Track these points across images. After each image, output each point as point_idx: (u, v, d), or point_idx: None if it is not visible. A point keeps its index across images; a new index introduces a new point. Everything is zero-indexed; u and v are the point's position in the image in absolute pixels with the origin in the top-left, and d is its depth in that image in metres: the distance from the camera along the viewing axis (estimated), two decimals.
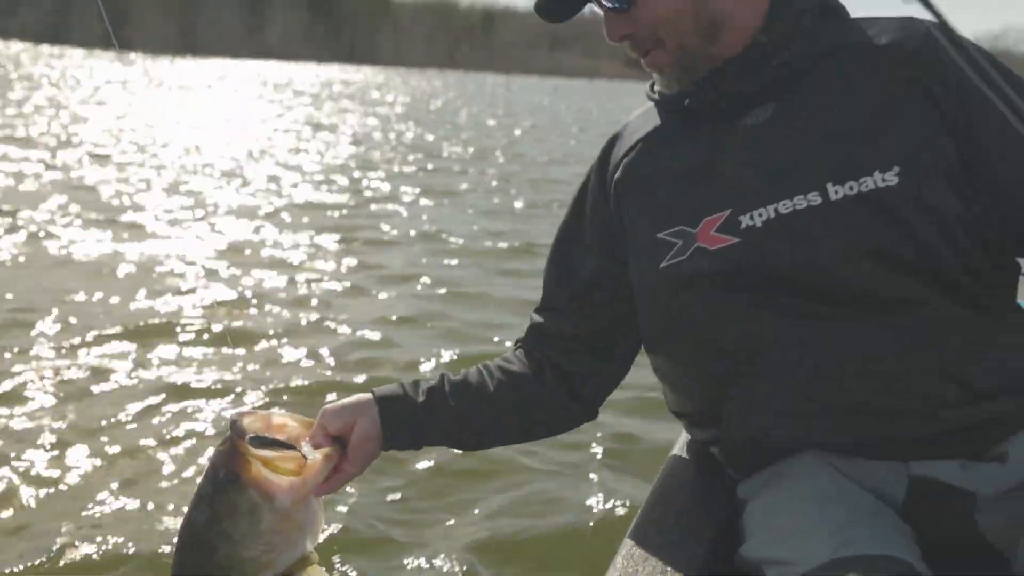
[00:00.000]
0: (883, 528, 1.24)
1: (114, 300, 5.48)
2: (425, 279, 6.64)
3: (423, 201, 10.63)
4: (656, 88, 1.53)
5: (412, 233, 8.56)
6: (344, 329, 5.21)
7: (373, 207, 10.03)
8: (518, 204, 10.83)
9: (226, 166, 12.24)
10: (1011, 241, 1.33)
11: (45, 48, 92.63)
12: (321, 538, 1.25)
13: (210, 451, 1.27)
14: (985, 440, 1.30)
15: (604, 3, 1.44)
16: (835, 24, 1.42)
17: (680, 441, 1.84)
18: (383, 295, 6.11)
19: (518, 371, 1.58)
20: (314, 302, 5.79)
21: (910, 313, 1.31)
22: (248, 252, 7.16)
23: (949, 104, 1.31)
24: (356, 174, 12.51)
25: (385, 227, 8.76)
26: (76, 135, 14.71)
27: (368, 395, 1.45)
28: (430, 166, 14.00)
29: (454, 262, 7.37)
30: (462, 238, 8.40)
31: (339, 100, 32.41)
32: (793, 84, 1.39)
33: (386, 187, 11.63)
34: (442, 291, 6.32)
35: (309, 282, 6.27)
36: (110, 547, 2.75)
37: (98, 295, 5.57)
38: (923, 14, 1.21)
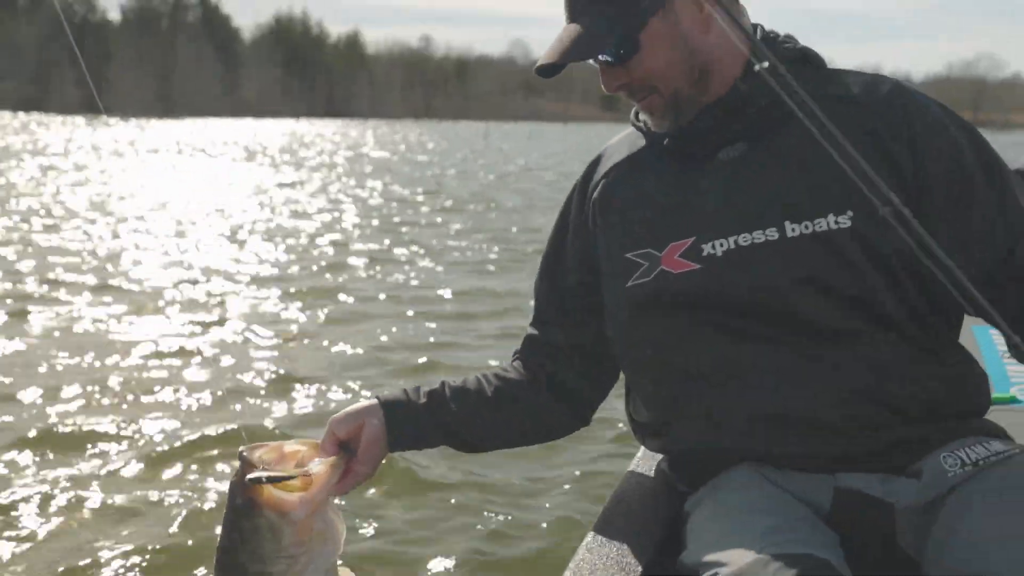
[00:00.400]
0: (807, 532, 1.34)
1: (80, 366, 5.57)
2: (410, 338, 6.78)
3: (411, 260, 10.76)
4: (641, 117, 1.63)
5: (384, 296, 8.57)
6: (334, 395, 5.31)
7: (358, 270, 10.06)
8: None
9: (200, 231, 12.70)
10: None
11: (22, 116, 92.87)
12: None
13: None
14: (905, 458, 1.42)
15: (601, 58, 1.51)
16: (811, 74, 1.51)
17: (637, 457, 1.94)
18: (372, 370, 6.12)
19: (515, 379, 1.68)
20: (299, 371, 5.89)
21: (848, 343, 1.42)
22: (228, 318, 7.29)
23: (904, 160, 1.42)
24: (336, 237, 12.63)
25: (369, 291, 8.85)
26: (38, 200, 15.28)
27: (373, 400, 1.56)
28: (403, 219, 14.99)
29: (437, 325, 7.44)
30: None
31: (318, 156, 33.35)
32: (766, 128, 1.49)
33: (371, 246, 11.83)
34: (422, 359, 6.38)
35: (281, 354, 6.27)
36: None
37: (61, 364, 5.66)
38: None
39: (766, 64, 1.28)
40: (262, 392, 5.36)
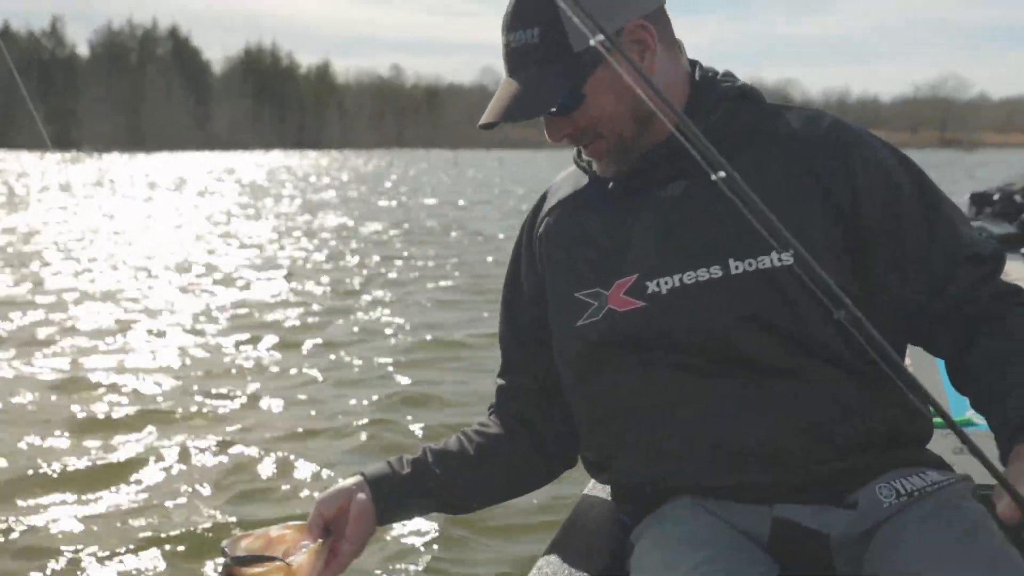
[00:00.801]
0: (746, 562, 1.36)
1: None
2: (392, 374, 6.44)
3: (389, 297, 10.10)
4: (584, 156, 1.60)
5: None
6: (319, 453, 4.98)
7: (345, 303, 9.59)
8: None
9: (177, 271, 12.06)
10: (890, 325, 1.38)
11: None
12: None
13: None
14: (842, 489, 1.41)
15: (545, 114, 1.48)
16: (751, 109, 1.51)
17: (589, 485, 1.91)
18: (350, 400, 5.93)
19: (494, 433, 1.66)
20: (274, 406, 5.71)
21: (789, 379, 1.41)
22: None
23: (842, 194, 1.43)
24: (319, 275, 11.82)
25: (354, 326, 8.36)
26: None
27: (358, 476, 1.55)
28: (388, 257, 13.80)
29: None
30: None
31: (294, 189, 32.14)
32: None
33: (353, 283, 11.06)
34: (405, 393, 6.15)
35: (257, 390, 6.00)
36: None
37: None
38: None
39: (690, 134, 1.16)
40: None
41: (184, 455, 4.81)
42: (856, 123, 1.52)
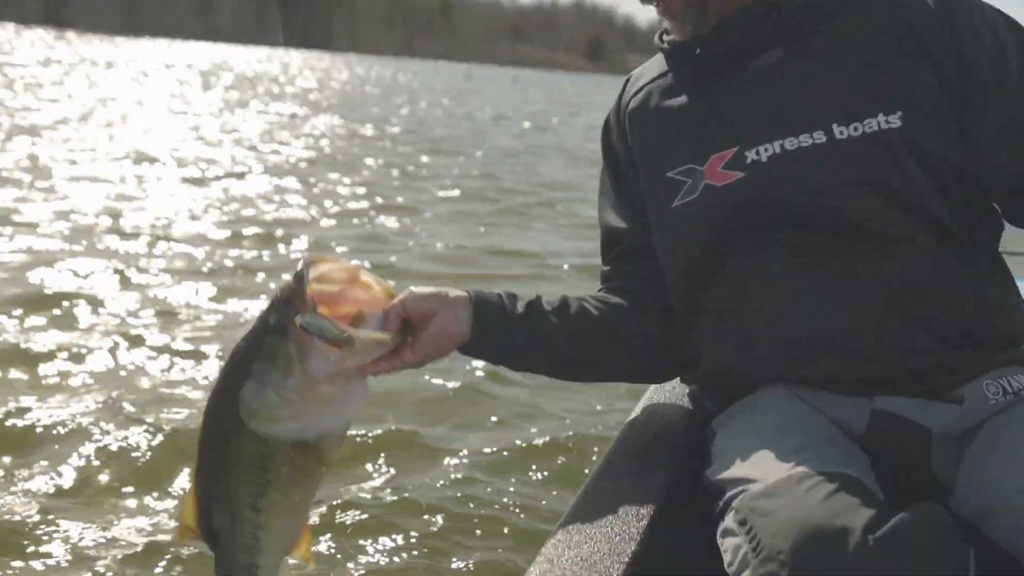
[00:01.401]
0: (839, 451, 1.28)
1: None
2: None
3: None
4: (666, 38, 1.57)
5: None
6: None
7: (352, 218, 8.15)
8: None
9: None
10: (989, 196, 1.40)
11: None
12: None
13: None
14: (945, 383, 1.35)
15: None
16: None
17: (651, 388, 1.84)
18: None
19: (617, 302, 1.55)
20: None
21: (898, 250, 1.35)
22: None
23: (947, 62, 1.36)
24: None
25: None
26: None
27: (463, 292, 1.41)
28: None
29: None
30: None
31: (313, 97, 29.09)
32: (802, 31, 1.42)
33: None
34: None
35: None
36: None
37: None
38: None
39: None
40: None
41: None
42: None
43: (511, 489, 3.06)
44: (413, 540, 2.70)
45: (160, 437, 3.23)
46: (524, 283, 5.90)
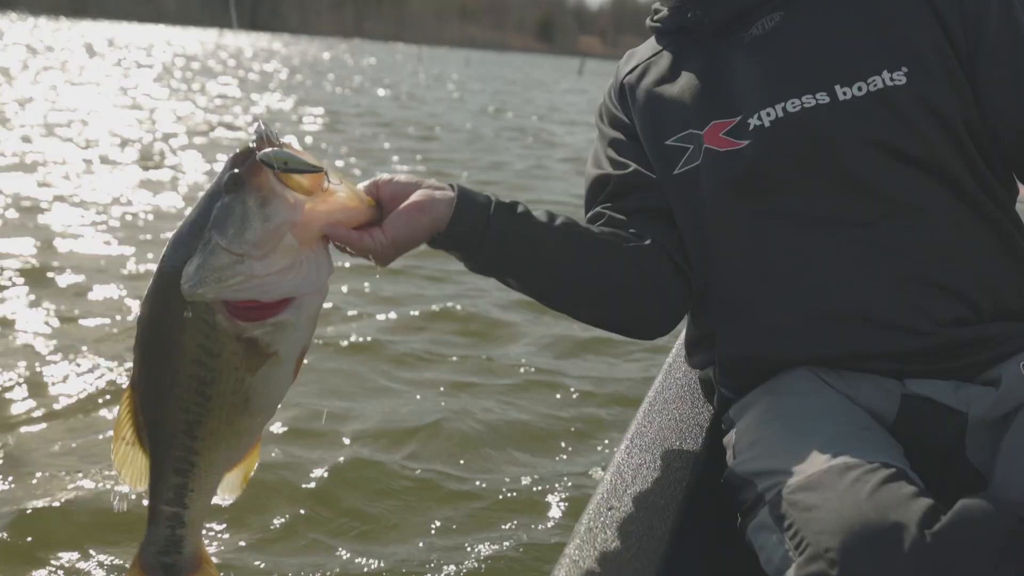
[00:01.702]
0: (874, 440, 1.20)
1: None
2: None
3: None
4: (657, 17, 1.56)
5: None
6: None
7: None
8: None
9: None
10: (1002, 153, 1.34)
11: None
12: None
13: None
14: (979, 362, 1.28)
15: None
16: None
17: (664, 366, 1.82)
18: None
19: (610, 230, 1.43)
20: None
21: (917, 219, 1.28)
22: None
23: (953, 14, 1.31)
24: None
25: None
26: None
27: (448, 184, 1.27)
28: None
29: None
30: None
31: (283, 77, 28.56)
32: None
33: None
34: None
35: None
36: None
37: None
38: None
39: None
40: None
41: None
42: None
43: (517, 493, 2.87)
44: (421, 530, 2.61)
45: None
46: None
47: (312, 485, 2.77)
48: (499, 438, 3.27)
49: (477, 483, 2.91)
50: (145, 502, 1.09)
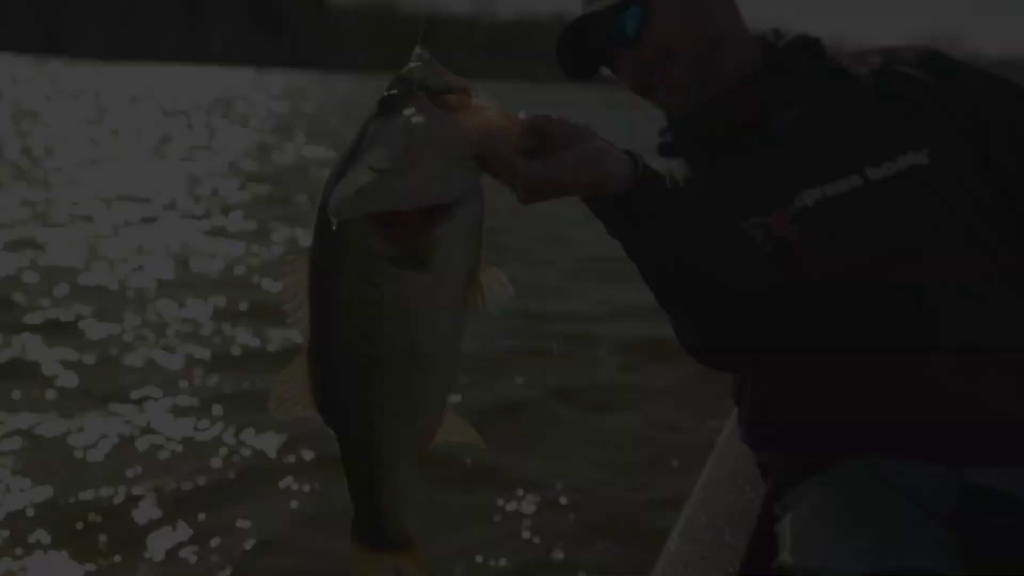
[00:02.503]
0: (924, 541, 1.18)
1: None
2: None
3: None
4: (662, 141, 1.58)
5: None
6: None
7: None
8: None
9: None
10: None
11: None
12: None
13: None
14: None
15: (616, 46, 1.48)
16: (818, 52, 1.52)
17: (719, 443, 1.84)
18: None
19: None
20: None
21: (967, 288, 1.30)
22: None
23: (952, 101, 1.42)
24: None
25: None
26: None
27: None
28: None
29: None
30: None
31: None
32: (813, 90, 1.46)
33: None
34: None
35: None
36: None
37: None
38: None
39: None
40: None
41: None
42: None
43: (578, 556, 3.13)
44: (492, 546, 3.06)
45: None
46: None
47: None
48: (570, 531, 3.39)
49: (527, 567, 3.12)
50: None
